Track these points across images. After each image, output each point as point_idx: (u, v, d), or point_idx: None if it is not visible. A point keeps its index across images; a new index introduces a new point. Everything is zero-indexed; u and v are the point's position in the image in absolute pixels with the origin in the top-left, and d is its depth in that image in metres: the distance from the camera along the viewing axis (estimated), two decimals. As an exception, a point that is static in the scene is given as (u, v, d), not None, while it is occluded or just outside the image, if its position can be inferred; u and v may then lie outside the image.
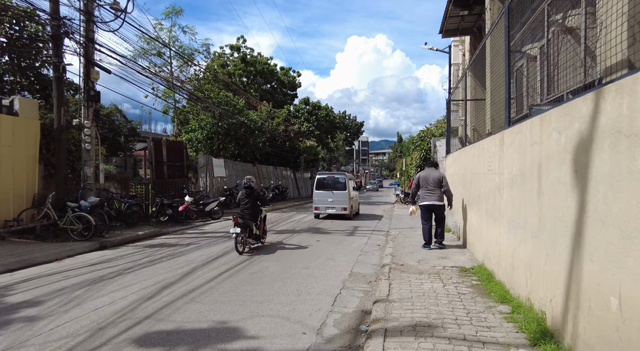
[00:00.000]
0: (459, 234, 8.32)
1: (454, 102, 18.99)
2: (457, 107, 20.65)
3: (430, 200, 7.64)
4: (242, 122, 19.50)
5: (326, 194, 14.47)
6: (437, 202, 7.63)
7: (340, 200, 14.39)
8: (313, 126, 25.14)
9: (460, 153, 8.20)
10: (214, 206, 14.33)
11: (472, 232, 6.83)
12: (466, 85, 8.92)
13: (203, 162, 16.92)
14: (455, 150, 10.22)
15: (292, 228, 11.89)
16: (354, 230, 11.68)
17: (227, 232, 10.82)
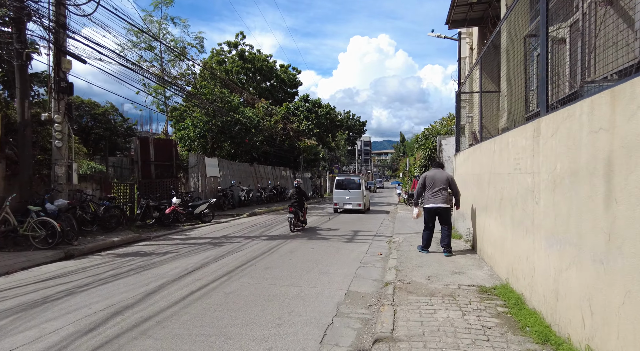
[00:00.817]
0: (472, 242, 7.27)
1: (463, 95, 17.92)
2: (465, 104, 19.59)
3: (436, 203, 7.00)
4: (237, 120, 18.51)
5: (344, 192, 17.46)
6: (442, 205, 7.00)
7: (356, 197, 17.23)
8: (313, 124, 24.10)
9: (475, 151, 7.17)
10: (204, 208, 13.34)
11: (491, 242, 5.79)
12: (481, 74, 7.88)
13: (194, 161, 15.94)
14: (466, 147, 9.17)
15: (286, 232, 10.88)
16: (354, 235, 10.66)
17: (214, 238, 9.82)
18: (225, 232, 11.12)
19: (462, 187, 8.10)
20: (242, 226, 12.53)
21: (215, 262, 6.96)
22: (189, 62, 18.69)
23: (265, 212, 17.90)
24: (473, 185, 7.14)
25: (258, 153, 26.66)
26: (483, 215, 6.28)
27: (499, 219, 5.25)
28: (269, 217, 15.54)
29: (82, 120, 39.52)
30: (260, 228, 11.84)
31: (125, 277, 5.89)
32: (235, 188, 19.48)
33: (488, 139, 5.89)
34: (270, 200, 23.17)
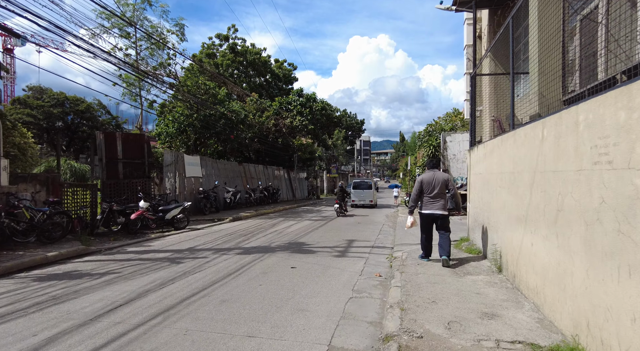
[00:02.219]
0: (499, 263, 5.54)
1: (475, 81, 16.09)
2: (472, 96, 17.86)
3: (433, 209, 6.34)
4: (221, 114, 16.77)
5: (359, 192, 21.82)
6: (440, 212, 6.31)
7: (369, 195, 21.75)
8: (307, 120, 22.37)
9: (503, 143, 5.44)
10: (177, 213, 11.61)
11: (536, 269, 4.06)
12: (512, 43, 6.16)
13: (170, 159, 14.20)
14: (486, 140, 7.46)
15: (267, 243, 9.15)
16: (348, 246, 8.93)
17: (176, 251, 8.09)
18: (195, 242, 9.39)
19: (483, 190, 6.38)
20: (218, 234, 10.80)
21: (158, 290, 5.23)
22: (169, 51, 16.94)
23: (252, 215, 16.17)
24: (501, 188, 5.42)
25: (249, 151, 24.96)
26: (519, 230, 4.55)
27: (554, 239, 3.53)
28: (255, 222, 13.81)
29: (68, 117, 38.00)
30: (238, 237, 10.11)
31: (18, 317, 4.16)
32: (220, 190, 17.75)
33: (534, 122, 4.16)
34: (261, 202, 21.44)
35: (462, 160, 19.81)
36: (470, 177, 8.04)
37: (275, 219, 15.11)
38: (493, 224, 5.82)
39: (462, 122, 20.70)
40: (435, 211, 6.27)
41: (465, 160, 20.61)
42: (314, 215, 16.91)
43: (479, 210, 6.95)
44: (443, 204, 6.28)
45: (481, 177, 6.75)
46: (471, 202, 7.81)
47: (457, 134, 19.63)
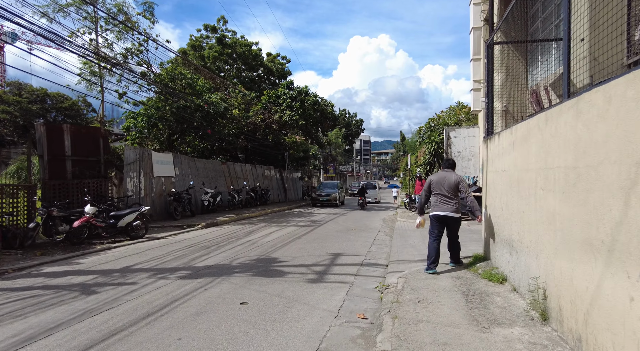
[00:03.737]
0: (542, 307, 3.62)
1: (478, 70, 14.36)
2: (479, 85, 15.96)
3: (444, 211, 5.72)
4: (197, 106, 14.89)
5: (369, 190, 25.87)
6: (452, 214, 5.69)
7: (374, 194, 26.74)
8: (297, 114, 20.44)
9: (550, 121, 3.50)
10: (131, 220, 9.73)
11: (636, 337, 2.16)
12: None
13: (133, 156, 12.32)
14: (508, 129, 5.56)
15: (229, 260, 7.26)
16: (330, 264, 7.04)
17: (108, 272, 6.21)
18: (139, 258, 7.50)
19: (509, 193, 4.50)
20: (177, 246, 8.92)
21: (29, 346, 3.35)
22: (139, 36, 15.04)
23: (232, 220, 14.29)
24: (545, 192, 3.51)
25: (236, 149, 23.07)
26: (592, 264, 2.66)
27: None
28: (230, 229, 11.93)
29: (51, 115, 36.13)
30: (197, 251, 8.22)
31: None
32: (197, 191, 15.88)
33: (622, 77, 2.27)
34: (247, 205, 19.55)
35: (468, 158, 17.89)
36: (486, 175, 6.16)
37: (256, 225, 13.23)
38: (530, 245, 3.92)
39: (468, 115, 18.81)
40: (447, 213, 5.62)
41: (472, 158, 18.72)
42: (302, 220, 15.03)
43: (502, 220, 5.07)
44: (455, 206, 5.63)
45: (506, 175, 4.86)
46: (489, 208, 5.93)
47: (463, 129, 17.72)
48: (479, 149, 17.35)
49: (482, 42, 15.88)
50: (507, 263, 4.80)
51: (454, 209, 5.60)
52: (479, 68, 15.76)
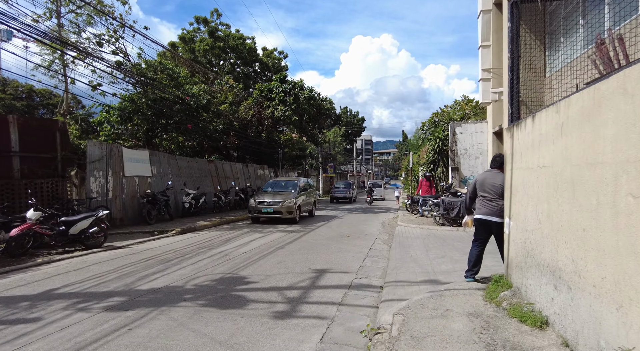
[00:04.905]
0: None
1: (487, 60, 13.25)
2: (489, 74, 14.46)
3: (486, 215, 5.06)
4: (175, 98, 13.46)
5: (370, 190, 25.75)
6: (495, 219, 4.98)
7: (379, 193, 29.92)
8: (290, 110, 18.98)
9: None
10: (85, 226, 8.32)
11: None
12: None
13: (98, 152, 10.90)
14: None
15: (185, 281, 5.82)
16: (310, 286, 5.59)
17: (12, 301, 4.77)
18: (73, 277, 6.07)
19: (553, 198, 3.03)
20: (132, 259, 7.48)
21: None
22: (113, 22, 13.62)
23: (213, 225, 12.86)
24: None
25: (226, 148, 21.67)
26: None
27: None
28: (207, 236, 10.50)
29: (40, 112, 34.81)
30: (152, 267, 6.78)
31: None
32: (178, 192, 14.47)
33: None
34: (235, 207, 18.11)
35: (476, 156, 16.38)
36: (510, 175, 4.68)
37: (239, 230, 11.79)
38: (604, 285, 2.45)
39: (475, 110, 17.31)
40: (489, 217, 5.07)
41: (479, 155, 17.20)
42: (289, 226, 13.57)
43: (538, 236, 3.60)
44: (499, 209, 4.98)
45: (547, 173, 3.39)
46: (514, 217, 4.46)
47: (469, 124, 16.21)
48: (487, 146, 15.88)
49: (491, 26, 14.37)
50: (549, 300, 3.33)
51: (498, 212, 4.99)
52: (488, 55, 14.23)
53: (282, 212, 12.91)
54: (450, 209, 11.48)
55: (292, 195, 13.75)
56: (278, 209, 12.90)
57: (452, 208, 11.42)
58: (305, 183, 15.71)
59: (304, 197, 14.69)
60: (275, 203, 13.01)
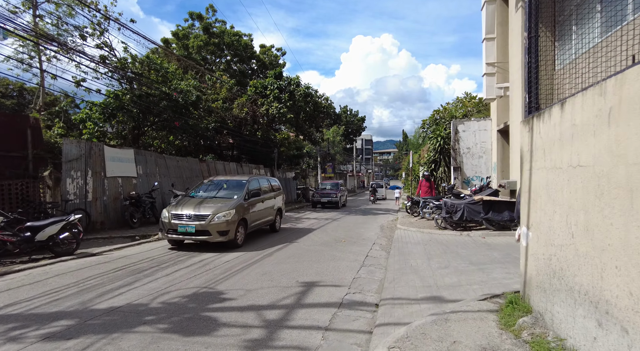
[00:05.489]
0: None
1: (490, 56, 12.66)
2: (493, 68, 13.72)
3: None
4: (163, 94, 12.73)
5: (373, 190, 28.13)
6: None
7: (381, 192, 31.38)
8: (285, 107, 18.23)
9: None
10: (54, 231, 7.59)
11: None
12: None
13: (76, 151, 10.17)
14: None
15: (151, 297, 5.08)
16: (295, 304, 4.85)
17: None
18: (25, 292, 5.32)
19: (593, 209, 2.26)
20: (101, 269, 6.74)
21: None
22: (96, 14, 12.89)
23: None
24: None
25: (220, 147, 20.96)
26: None
27: None
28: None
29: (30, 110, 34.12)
30: (119, 279, 6.04)
31: None
32: (166, 194, 13.73)
33: None
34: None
35: (479, 155, 15.63)
36: (528, 176, 3.94)
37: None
38: None
39: (478, 107, 16.57)
40: None
41: (483, 155, 16.46)
42: (285, 228, 12.83)
43: (570, 254, 2.87)
44: None
45: (583, 174, 2.66)
46: (534, 227, 3.72)
47: (472, 122, 15.47)
48: (491, 145, 15.15)
49: (496, 19, 13.60)
50: (588, 339, 2.59)
51: None
52: (492, 49, 13.47)
53: (209, 232, 8.18)
54: (453, 212, 10.74)
55: (231, 203, 8.81)
56: (203, 227, 8.15)
57: (455, 211, 10.68)
58: (262, 183, 11.00)
59: (259, 205, 10.00)
60: (200, 217, 8.28)
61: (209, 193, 9.82)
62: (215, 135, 17.22)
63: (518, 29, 11.00)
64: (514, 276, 5.77)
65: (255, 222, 9.87)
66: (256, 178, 10.92)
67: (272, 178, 12.53)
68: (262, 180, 11.35)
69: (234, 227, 8.51)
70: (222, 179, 10.61)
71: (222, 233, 8.34)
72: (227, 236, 8.41)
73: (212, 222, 8.28)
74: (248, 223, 9.29)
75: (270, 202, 11.06)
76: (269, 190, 11.24)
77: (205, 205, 8.80)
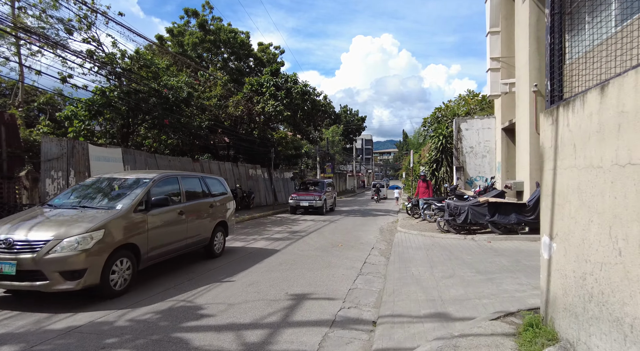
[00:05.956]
0: None
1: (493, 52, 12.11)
2: (498, 64, 13.13)
3: None
4: (150, 90, 12.15)
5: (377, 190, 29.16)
6: None
7: (382, 191, 30.87)
8: (282, 105, 17.64)
9: None
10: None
11: None
12: None
13: (57, 150, 9.60)
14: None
15: (115, 316, 4.50)
16: (280, 323, 4.27)
17: None
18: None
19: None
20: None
21: None
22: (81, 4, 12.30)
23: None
24: None
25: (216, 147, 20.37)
26: None
27: None
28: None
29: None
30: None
31: None
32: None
33: None
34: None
35: (483, 155, 15.04)
36: (552, 176, 3.34)
37: (218, 238, 10.46)
38: None
39: (481, 104, 15.98)
40: None
41: (487, 154, 15.86)
42: (280, 230, 12.27)
43: (617, 276, 2.29)
44: None
45: (635, 174, 2.06)
46: (559, 238, 3.13)
47: (476, 120, 14.89)
48: (495, 144, 14.55)
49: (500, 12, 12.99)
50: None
51: None
52: (497, 43, 12.86)
53: (42, 274, 4.50)
54: (456, 214, 10.15)
55: (103, 217, 5.16)
56: (31, 265, 4.48)
57: (459, 213, 10.09)
58: (188, 185, 7.17)
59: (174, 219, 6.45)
60: (26, 245, 4.57)
61: (82, 200, 5.94)
62: (210, 134, 16.63)
63: (525, 20, 10.42)
64: (526, 288, 5.19)
65: (165, 248, 6.18)
66: (175, 177, 6.87)
67: (211, 177, 8.39)
68: (189, 181, 7.23)
69: (100, 261, 4.82)
70: (116, 177, 6.59)
71: (72, 274, 4.60)
72: (84, 279, 4.65)
73: (51, 255, 4.52)
74: (143, 252, 5.59)
75: (204, 212, 7.29)
76: (201, 195, 7.43)
77: (47, 222, 5.04)
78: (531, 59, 10.11)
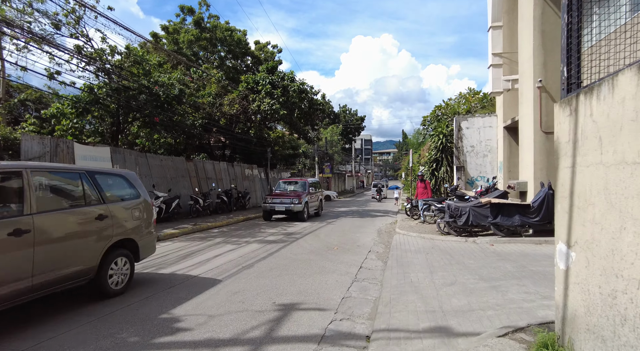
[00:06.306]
0: None
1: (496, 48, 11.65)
2: (500, 59, 12.70)
3: None
4: (140, 87, 11.72)
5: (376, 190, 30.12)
6: None
7: (382, 191, 30.88)
8: (278, 103, 17.20)
9: None
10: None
11: None
12: None
13: (39, 149, 9.17)
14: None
15: (88, 325, 4.07)
16: (264, 338, 3.84)
17: None
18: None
19: None
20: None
21: None
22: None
23: (182, 233, 11.14)
24: None
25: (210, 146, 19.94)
26: None
27: None
28: (169, 248, 8.77)
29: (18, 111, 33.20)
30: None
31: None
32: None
33: None
34: (216, 211, 16.34)
35: (484, 154, 14.62)
36: (571, 174, 2.92)
37: (209, 240, 10.07)
38: None
39: (482, 102, 15.57)
40: None
41: (488, 153, 15.44)
42: (275, 232, 11.84)
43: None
44: None
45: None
46: (584, 247, 2.70)
47: (477, 118, 14.47)
48: (497, 143, 14.12)
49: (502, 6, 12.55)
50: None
51: None
52: (499, 38, 12.41)
53: None
54: (457, 216, 9.72)
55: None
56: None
57: (460, 215, 9.67)
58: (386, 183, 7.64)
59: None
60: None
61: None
62: (204, 133, 16.20)
63: (529, 13, 10.01)
64: (535, 298, 4.77)
65: None
66: (16, 171, 3.97)
67: (110, 173, 5.79)
68: (49, 178, 4.49)
69: None
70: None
71: None
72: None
73: None
74: None
75: (83, 228, 4.58)
76: (80, 200, 4.75)
77: None
78: (535, 53, 9.69)
